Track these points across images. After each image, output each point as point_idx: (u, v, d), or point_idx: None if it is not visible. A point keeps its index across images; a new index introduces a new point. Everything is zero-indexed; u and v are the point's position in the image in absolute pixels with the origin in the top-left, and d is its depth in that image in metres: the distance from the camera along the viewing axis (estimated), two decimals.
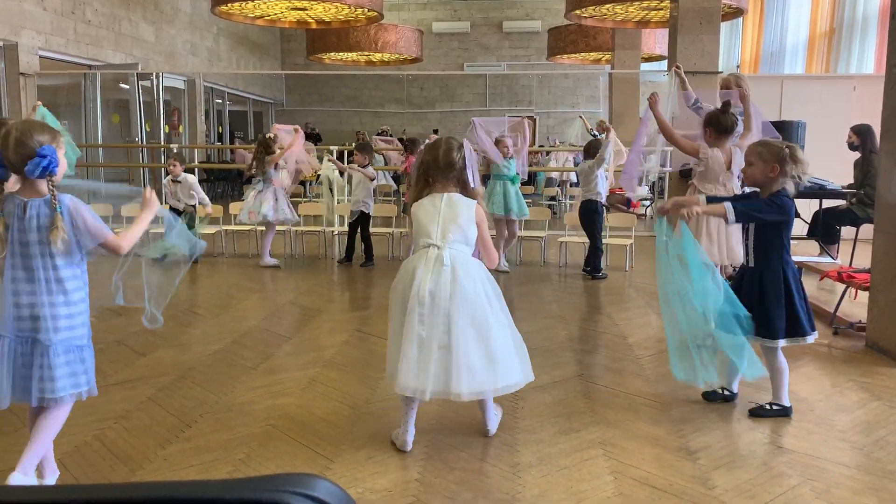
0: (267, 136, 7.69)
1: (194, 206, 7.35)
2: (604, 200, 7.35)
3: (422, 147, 3.12)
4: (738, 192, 4.64)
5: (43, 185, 2.53)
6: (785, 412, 3.47)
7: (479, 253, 3.19)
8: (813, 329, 3.42)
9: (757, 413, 3.50)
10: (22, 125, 2.53)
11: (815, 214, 7.33)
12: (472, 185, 3.11)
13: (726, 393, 3.70)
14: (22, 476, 2.55)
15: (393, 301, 3.11)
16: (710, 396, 3.69)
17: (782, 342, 3.38)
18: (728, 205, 3.34)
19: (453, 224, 3.03)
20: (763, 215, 3.35)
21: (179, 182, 7.35)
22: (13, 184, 2.62)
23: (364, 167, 7.75)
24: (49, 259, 2.53)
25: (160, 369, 4.18)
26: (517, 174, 7.49)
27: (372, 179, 7.77)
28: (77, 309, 2.61)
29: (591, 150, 7.33)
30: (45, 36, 11.07)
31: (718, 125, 4.50)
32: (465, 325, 2.95)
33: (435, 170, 3.09)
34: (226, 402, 3.66)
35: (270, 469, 2.94)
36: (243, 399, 3.71)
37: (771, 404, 3.50)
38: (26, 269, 2.54)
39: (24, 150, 2.45)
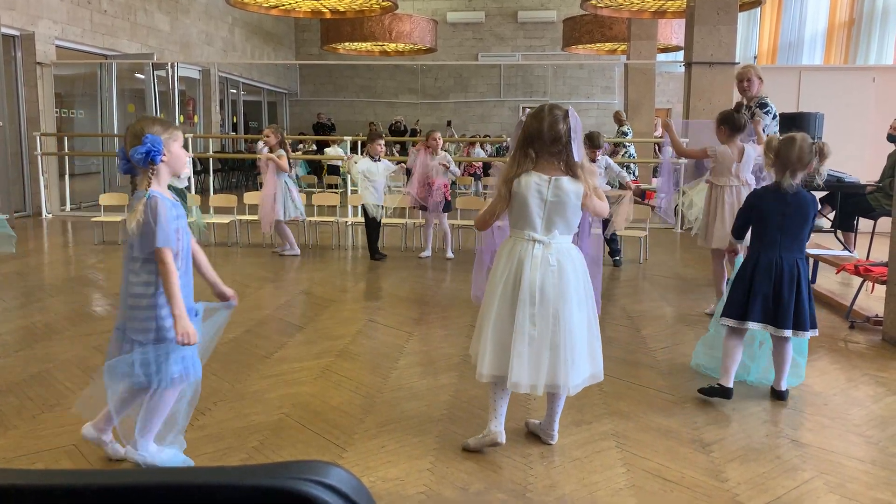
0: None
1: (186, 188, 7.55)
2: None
3: (522, 117, 2.87)
4: (753, 183, 5.02)
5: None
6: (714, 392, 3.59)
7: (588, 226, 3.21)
8: (745, 318, 3.54)
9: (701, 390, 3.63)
10: (142, 120, 2.68)
11: (830, 198, 7.25)
12: (576, 160, 2.84)
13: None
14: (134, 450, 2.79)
15: (495, 289, 2.91)
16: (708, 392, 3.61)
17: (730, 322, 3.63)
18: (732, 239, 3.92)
19: (559, 217, 2.85)
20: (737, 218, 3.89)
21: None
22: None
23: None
24: (129, 249, 2.65)
25: None
26: None
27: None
28: (140, 302, 2.63)
29: (592, 140, 7.35)
30: (61, 26, 11.13)
31: (732, 124, 4.95)
32: (573, 322, 2.88)
33: (539, 143, 2.82)
34: (239, 391, 3.69)
35: (283, 457, 2.96)
36: (257, 387, 3.74)
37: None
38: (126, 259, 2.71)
39: (135, 141, 2.59)
